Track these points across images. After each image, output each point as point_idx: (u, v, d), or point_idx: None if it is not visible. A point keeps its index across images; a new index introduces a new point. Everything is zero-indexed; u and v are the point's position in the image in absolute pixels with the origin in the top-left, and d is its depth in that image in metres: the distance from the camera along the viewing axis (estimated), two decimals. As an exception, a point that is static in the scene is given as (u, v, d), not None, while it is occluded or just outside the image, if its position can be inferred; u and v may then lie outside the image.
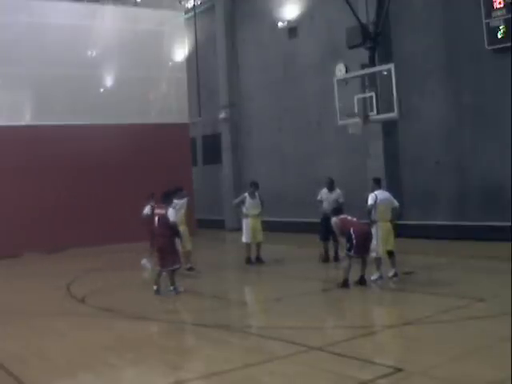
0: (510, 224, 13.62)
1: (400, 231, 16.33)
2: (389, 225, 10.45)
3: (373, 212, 10.35)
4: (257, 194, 13.21)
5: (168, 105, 20.90)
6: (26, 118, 18.62)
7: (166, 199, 10.51)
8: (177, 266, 10.27)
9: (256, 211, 13.08)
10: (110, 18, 19.89)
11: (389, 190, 16.71)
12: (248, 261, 13.08)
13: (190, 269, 12.37)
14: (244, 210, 13.07)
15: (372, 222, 10.34)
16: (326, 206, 12.56)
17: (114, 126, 18.74)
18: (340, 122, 15.47)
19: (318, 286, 10.78)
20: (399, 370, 5.75)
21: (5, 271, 14.34)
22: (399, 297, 9.95)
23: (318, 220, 13.04)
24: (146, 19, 20.53)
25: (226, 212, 22.57)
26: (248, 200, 13.05)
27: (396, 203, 10.63)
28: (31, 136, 17.47)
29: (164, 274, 10.29)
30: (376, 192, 10.54)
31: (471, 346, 6.49)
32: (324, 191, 12.91)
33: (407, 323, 7.61)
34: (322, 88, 18.14)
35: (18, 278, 13.44)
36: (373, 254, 10.30)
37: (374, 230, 10.26)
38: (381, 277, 10.40)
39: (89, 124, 18.50)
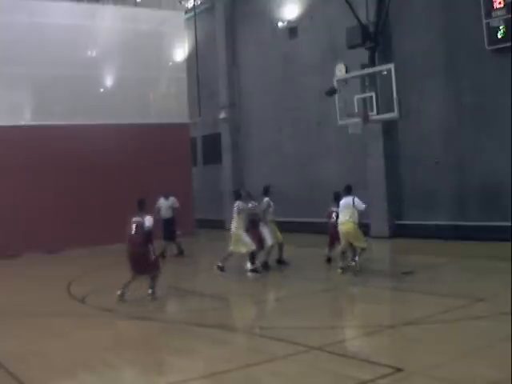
0: (509, 224, 13.62)
1: (400, 231, 16.47)
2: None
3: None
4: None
5: (168, 105, 20.90)
6: (26, 118, 18.62)
7: (142, 206, 10.18)
8: (153, 273, 9.95)
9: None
10: (109, 18, 19.90)
11: (388, 189, 16.85)
12: (266, 265, 12.61)
13: (220, 268, 12.34)
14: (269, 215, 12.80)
15: None
16: (164, 212, 15.30)
17: (114, 126, 18.74)
18: (340, 122, 15.46)
19: (318, 286, 10.77)
20: (399, 369, 5.74)
21: (5, 271, 14.33)
22: (399, 297, 9.96)
23: (317, 220, 13.11)
24: (145, 19, 20.53)
25: (226, 212, 22.55)
26: (271, 205, 12.83)
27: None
28: (31, 136, 17.47)
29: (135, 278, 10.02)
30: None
31: (471, 346, 6.49)
32: (161, 199, 15.40)
33: (407, 323, 7.61)
34: (322, 88, 18.11)
35: (18, 278, 13.44)
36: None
37: None
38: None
39: (89, 124, 18.50)
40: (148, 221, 9.86)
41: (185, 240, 18.80)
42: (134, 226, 9.88)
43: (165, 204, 15.46)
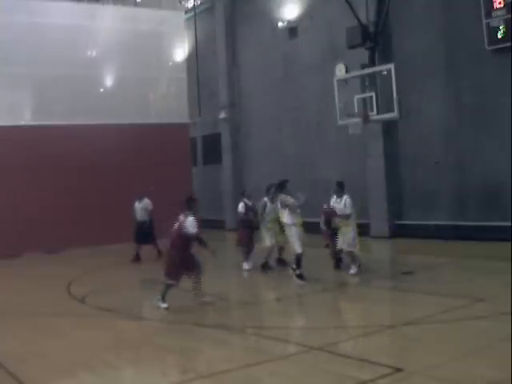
0: (509, 224, 13.62)
1: (400, 231, 16.45)
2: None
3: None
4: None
5: (168, 105, 20.90)
6: (26, 118, 18.63)
7: (189, 206, 9.41)
8: (190, 275, 9.31)
9: (275, 215, 12.49)
10: (109, 18, 19.91)
11: (388, 189, 16.84)
12: (266, 266, 12.44)
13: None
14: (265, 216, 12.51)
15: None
16: (138, 214, 15.09)
17: (114, 126, 18.74)
18: (340, 122, 15.48)
19: (318, 286, 10.77)
20: (399, 369, 5.75)
21: (5, 271, 14.33)
22: (399, 297, 9.96)
23: (318, 220, 13.00)
24: (145, 19, 20.54)
25: (226, 212, 22.56)
26: (268, 205, 12.55)
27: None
28: (31, 136, 17.47)
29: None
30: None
31: (471, 346, 6.49)
32: (136, 203, 15.20)
33: (407, 323, 7.61)
34: (322, 88, 18.14)
35: (18, 278, 13.44)
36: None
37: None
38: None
39: (89, 124, 18.50)
40: (188, 223, 9.13)
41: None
42: (176, 226, 9.31)
43: (138, 206, 15.13)
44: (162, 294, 9.29)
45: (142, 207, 15.14)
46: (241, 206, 13.07)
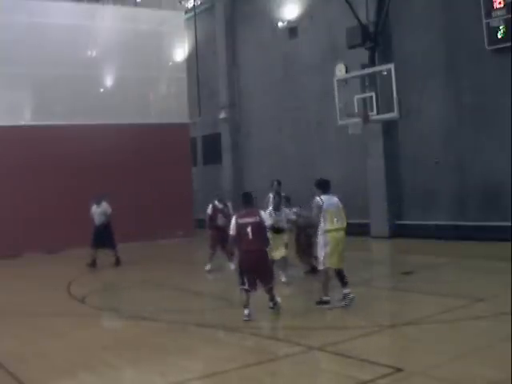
0: (509, 224, 13.62)
1: (400, 231, 16.46)
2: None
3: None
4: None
5: (168, 105, 20.91)
6: (26, 118, 18.63)
7: (249, 201, 8.52)
8: (271, 285, 8.48)
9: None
10: (110, 18, 19.93)
11: (388, 189, 16.83)
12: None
13: None
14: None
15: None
16: (96, 218, 14.32)
17: (114, 126, 18.73)
18: (340, 122, 15.49)
19: (318, 285, 10.75)
20: (399, 369, 5.74)
21: (5, 271, 14.33)
22: (399, 297, 9.95)
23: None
24: (145, 19, 20.55)
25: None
26: (271, 201, 12.24)
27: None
28: (31, 136, 17.47)
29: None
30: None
31: (471, 346, 6.49)
32: (94, 207, 14.40)
33: (407, 323, 7.61)
34: (322, 88, 18.15)
35: (18, 278, 13.44)
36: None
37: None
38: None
39: (89, 124, 18.50)
40: (265, 217, 8.39)
41: (185, 240, 18.85)
42: (248, 229, 8.10)
43: (97, 210, 14.37)
44: (270, 297, 8.46)
45: (100, 211, 14.36)
46: (209, 208, 13.05)
